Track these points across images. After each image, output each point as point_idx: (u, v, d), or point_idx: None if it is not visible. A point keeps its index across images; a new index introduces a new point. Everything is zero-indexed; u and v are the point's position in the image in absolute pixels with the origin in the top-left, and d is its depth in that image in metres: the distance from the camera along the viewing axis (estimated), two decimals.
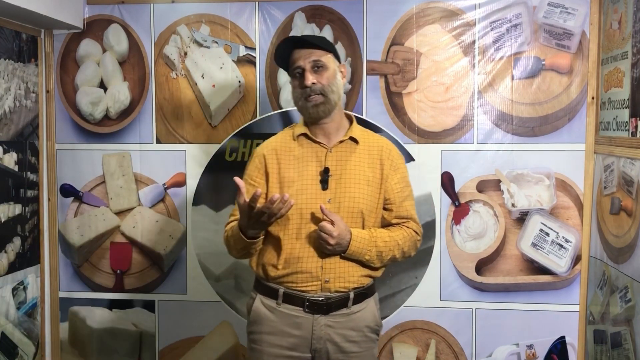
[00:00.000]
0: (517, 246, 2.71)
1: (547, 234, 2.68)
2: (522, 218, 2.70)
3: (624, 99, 2.30)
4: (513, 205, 2.70)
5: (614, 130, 2.40)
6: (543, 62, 2.66)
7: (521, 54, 2.67)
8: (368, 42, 2.74)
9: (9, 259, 2.65)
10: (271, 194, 1.78)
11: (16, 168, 2.69)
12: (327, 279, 1.91)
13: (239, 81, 2.80)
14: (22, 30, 2.71)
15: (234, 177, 1.82)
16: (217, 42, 2.81)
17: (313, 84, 1.90)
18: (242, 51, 2.81)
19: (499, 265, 2.73)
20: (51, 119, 2.91)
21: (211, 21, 2.82)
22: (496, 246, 2.72)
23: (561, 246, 2.68)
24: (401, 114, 2.74)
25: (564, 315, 2.70)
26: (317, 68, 1.92)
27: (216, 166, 2.84)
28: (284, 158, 1.98)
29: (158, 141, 2.87)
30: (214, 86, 2.80)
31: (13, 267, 2.68)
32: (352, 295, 1.95)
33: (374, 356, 2.04)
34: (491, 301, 2.74)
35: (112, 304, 2.95)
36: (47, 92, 2.90)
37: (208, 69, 2.80)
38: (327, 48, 1.96)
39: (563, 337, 2.71)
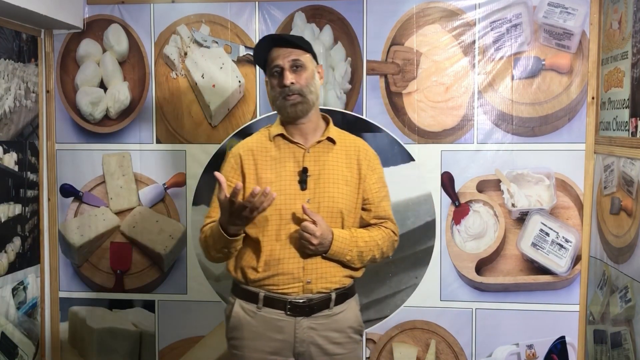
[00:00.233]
0: (517, 246, 2.71)
1: (547, 234, 2.68)
2: (522, 218, 2.70)
3: (624, 99, 2.30)
4: (513, 205, 2.70)
5: (614, 130, 2.40)
6: (543, 62, 2.66)
7: (521, 54, 2.67)
8: (368, 42, 2.74)
9: (9, 259, 2.65)
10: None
11: (16, 168, 2.69)
12: (309, 280, 1.89)
13: (239, 81, 2.80)
14: (22, 30, 2.71)
15: (214, 172, 1.78)
16: (217, 42, 2.81)
17: (292, 84, 1.88)
18: (242, 51, 2.81)
19: (499, 265, 2.73)
20: (51, 119, 2.91)
21: (211, 21, 2.82)
22: (496, 246, 2.72)
23: (561, 246, 2.68)
24: (401, 114, 2.74)
25: (564, 315, 2.70)
26: (296, 68, 1.90)
27: (216, 166, 2.83)
28: (261, 158, 1.95)
29: (158, 141, 2.87)
30: (214, 86, 2.80)
31: (13, 267, 2.68)
32: (334, 295, 1.93)
33: (359, 358, 2.02)
34: (491, 301, 2.74)
35: (112, 304, 2.95)
36: (47, 92, 2.90)
37: (208, 69, 2.80)
38: (306, 48, 1.94)
39: (563, 337, 2.71)
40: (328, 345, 1.93)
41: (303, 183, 1.91)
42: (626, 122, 2.28)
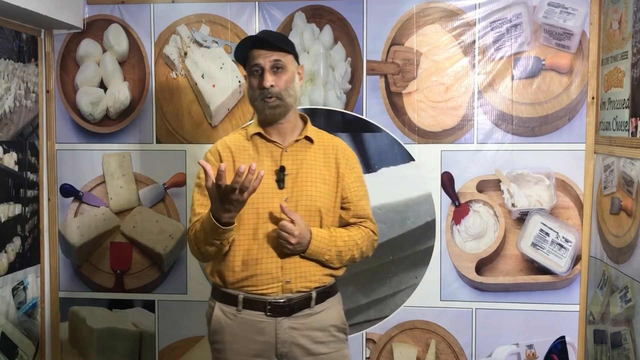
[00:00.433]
0: (517, 246, 2.71)
1: (547, 234, 2.68)
2: (522, 218, 2.70)
3: (624, 99, 2.30)
4: (513, 205, 2.70)
5: (614, 130, 2.40)
6: (543, 62, 2.66)
7: (521, 54, 2.67)
8: (368, 42, 2.74)
9: (9, 259, 2.65)
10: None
11: (16, 168, 2.69)
12: (288, 280, 1.87)
13: (239, 81, 2.80)
14: (22, 30, 2.71)
15: (198, 160, 1.74)
16: (217, 42, 2.81)
17: (271, 86, 1.86)
18: None
19: (499, 265, 2.73)
20: (51, 119, 2.91)
21: (211, 21, 2.82)
22: (496, 246, 2.72)
23: (561, 246, 2.68)
24: (401, 114, 2.74)
25: (564, 315, 2.70)
26: (277, 69, 1.88)
27: None
28: (238, 156, 1.93)
29: (158, 141, 2.87)
30: (214, 86, 2.80)
31: (13, 267, 2.67)
32: (315, 294, 1.91)
33: (346, 357, 1.98)
34: (491, 301, 2.74)
35: (112, 304, 2.95)
36: (47, 92, 2.90)
37: (208, 69, 2.80)
38: (288, 50, 1.91)
39: (563, 337, 2.71)
40: (311, 345, 1.90)
41: (280, 182, 1.89)
42: (626, 122, 2.28)
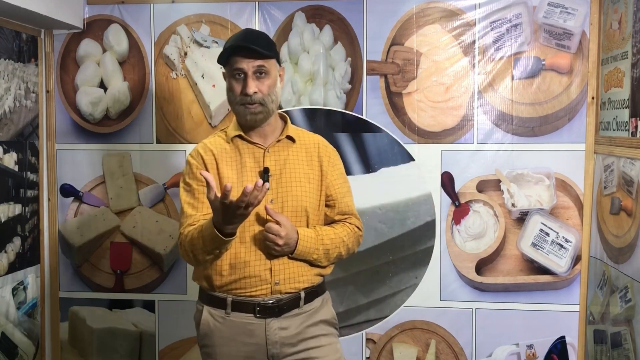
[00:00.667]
0: (517, 246, 2.71)
1: (547, 234, 2.68)
2: (522, 218, 2.70)
3: (624, 99, 2.30)
4: (513, 205, 2.70)
5: (614, 130, 2.40)
6: (543, 62, 2.66)
7: (521, 54, 2.67)
8: (368, 42, 2.74)
9: (9, 259, 2.65)
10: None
11: (16, 168, 2.69)
12: (277, 281, 1.85)
13: None
14: (22, 30, 2.71)
15: (201, 172, 1.71)
16: (217, 42, 2.81)
17: (255, 93, 1.83)
18: None
19: (499, 265, 2.73)
20: (51, 119, 2.91)
21: (211, 21, 2.82)
22: (496, 246, 2.72)
23: (561, 246, 2.68)
24: (401, 114, 2.74)
25: (564, 315, 2.70)
26: (260, 74, 1.84)
27: None
28: (221, 159, 1.91)
29: (158, 141, 2.87)
30: (214, 86, 2.80)
31: (13, 267, 2.67)
32: (303, 294, 1.90)
33: (338, 351, 1.96)
34: (491, 301, 2.74)
35: (112, 304, 2.95)
36: (47, 92, 2.90)
37: (208, 69, 2.80)
38: (271, 55, 1.88)
39: (563, 337, 2.71)
40: (301, 343, 1.89)
41: (265, 183, 1.87)
42: (626, 122, 2.28)
